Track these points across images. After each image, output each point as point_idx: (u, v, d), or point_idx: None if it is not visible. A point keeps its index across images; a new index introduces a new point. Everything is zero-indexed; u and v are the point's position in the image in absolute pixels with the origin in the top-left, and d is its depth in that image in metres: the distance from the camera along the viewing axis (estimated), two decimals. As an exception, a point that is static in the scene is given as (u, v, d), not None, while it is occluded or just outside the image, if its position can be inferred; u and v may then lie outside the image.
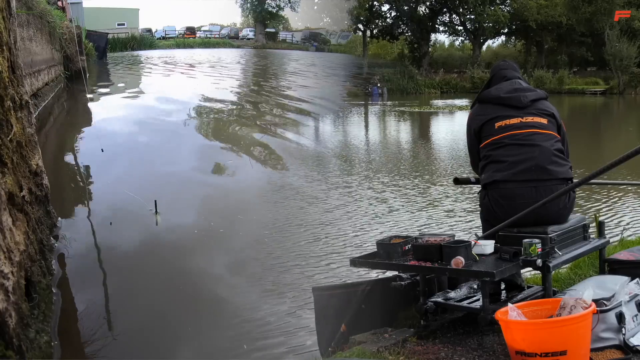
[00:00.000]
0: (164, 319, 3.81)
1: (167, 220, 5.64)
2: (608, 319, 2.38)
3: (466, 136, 3.16)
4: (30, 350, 2.52)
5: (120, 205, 5.92)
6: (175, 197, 6.40)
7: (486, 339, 2.72)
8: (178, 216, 5.84)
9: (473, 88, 33.18)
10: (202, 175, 7.88)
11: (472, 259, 2.69)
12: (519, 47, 42.33)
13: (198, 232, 5.49)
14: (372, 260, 3.00)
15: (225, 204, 6.73)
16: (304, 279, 4.66)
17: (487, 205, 2.96)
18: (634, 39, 32.05)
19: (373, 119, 21.95)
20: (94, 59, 22.21)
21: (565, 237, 2.88)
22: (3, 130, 2.95)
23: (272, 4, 48.70)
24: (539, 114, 2.96)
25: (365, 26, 39.94)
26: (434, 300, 2.93)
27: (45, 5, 13.32)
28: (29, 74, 8.59)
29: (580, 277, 3.45)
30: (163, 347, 3.50)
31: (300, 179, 8.64)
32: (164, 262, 4.72)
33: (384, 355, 2.54)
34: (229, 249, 5.21)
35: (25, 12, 9.59)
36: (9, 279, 2.37)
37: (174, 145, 9.62)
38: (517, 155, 2.87)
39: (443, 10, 39.44)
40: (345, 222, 6.43)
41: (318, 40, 48.09)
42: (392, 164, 10.82)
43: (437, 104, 27.62)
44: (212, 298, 4.15)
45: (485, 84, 3.20)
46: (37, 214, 3.81)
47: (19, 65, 4.20)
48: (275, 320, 3.91)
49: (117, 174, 7.25)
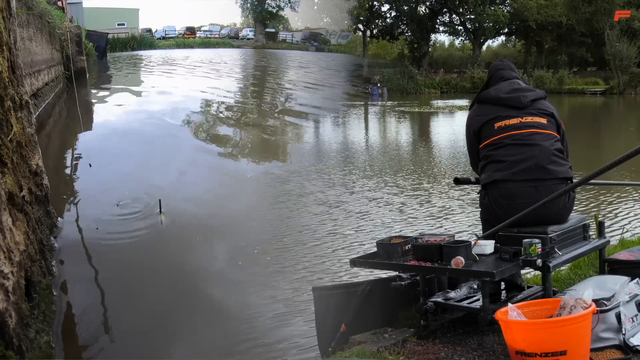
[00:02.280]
0: (164, 319, 3.81)
1: (169, 221, 5.64)
2: (608, 319, 2.38)
3: (465, 137, 3.16)
4: (30, 350, 2.52)
5: (120, 205, 5.92)
6: (175, 197, 6.40)
7: (486, 339, 2.72)
8: (179, 216, 5.84)
9: (473, 88, 33.16)
10: (201, 176, 7.88)
11: (472, 259, 2.69)
12: (518, 47, 42.31)
13: (199, 232, 5.48)
14: (372, 260, 2.99)
15: (225, 204, 6.73)
16: (304, 279, 4.67)
17: (487, 205, 2.96)
18: (634, 39, 32.04)
19: (373, 119, 21.94)
20: (94, 59, 22.19)
21: (565, 237, 2.88)
22: (3, 130, 2.95)
23: (272, 4, 48.68)
24: (538, 113, 2.97)
25: (365, 26, 39.93)
26: (434, 300, 2.93)
27: (45, 5, 13.31)
28: (29, 74, 8.59)
29: (580, 277, 3.45)
30: (163, 347, 3.50)
31: (301, 179, 8.64)
32: (165, 262, 4.72)
33: (384, 355, 2.54)
34: (229, 249, 5.21)
35: (25, 12, 9.59)
36: (9, 279, 2.37)
37: (174, 145, 9.62)
38: (517, 155, 2.87)
39: (443, 10, 39.42)
40: (345, 222, 6.43)
41: (318, 40, 48.06)
42: (392, 164, 10.82)
43: (437, 104, 27.61)
44: (212, 298, 4.15)
45: (484, 85, 3.20)
46: (37, 214, 3.81)
47: (19, 65, 4.20)
48: (275, 320, 3.91)
49: (117, 174, 7.25)
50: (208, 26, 52.27)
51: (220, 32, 50.19)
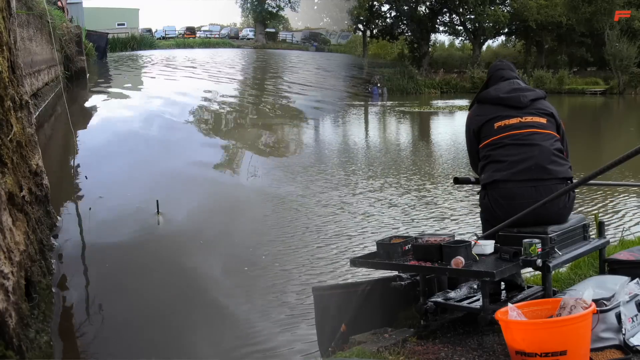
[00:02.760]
0: (164, 319, 3.80)
1: (168, 220, 5.64)
2: (608, 319, 2.38)
3: (465, 136, 3.16)
4: (30, 350, 2.52)
5: (120, 205, 5.92)
6: (175, 197, 6.40)
7: (486, 339, 2.72)
8: (179, 216, 5.84)
9: (473, 88, 33.16)
10: (202, 176, 7.87)
11: (472, 259, 2.69)
12: (518, 47, 42.31)
13: (198, 232, 5.48)
14: (372, 260, 2.99)
15: (226, 204, 6.73)
16: (304, 279, 4.66)
17: (487, 205, 2.96)
18: (634, 39, 32.06)
19: (373, 119, 21.94)
20: (94, 59, 22.19)
21: (565, 237, 2.88)
22: (3, 130, 2.95)
23: (272, 4, 48.68)
24: (538, 113, 2.97)
25: (365, 26, 39.94)
26: (434, 300, 2.93)
27: (45, 5, 13.30)
28: (29, 74, 8.59)
29: (580, 277, 3.45)
30: (163, 347, 3.50)
31: (301, 179, 8.64)
32: (165, 262, 4.72)
33: (384, 355, 2.54)
34: (230, 249, 5.21)
35: (25, 12, 9.59)
36: (9, 279, 2.37)
37: (174, 145, 9.62)
38: (517, 155, 2.87)
39: (443, 10, 39.42)
40: (345, 222, 6.43)
41: (318, 40, 48.05)
42: (393, 164, 10.82)
43: (437, 104, 27.61)
44: (212, 298, 4.15)
45: (484, 85, 3.20)
46: (37, 214, 3.81)
47: (19, 65, 4.20)
48: (275, 320, 3.91)
49: (117, 174, 7.25)
50: (208, 26, 52.29)
51: (220, 32, 50.18)
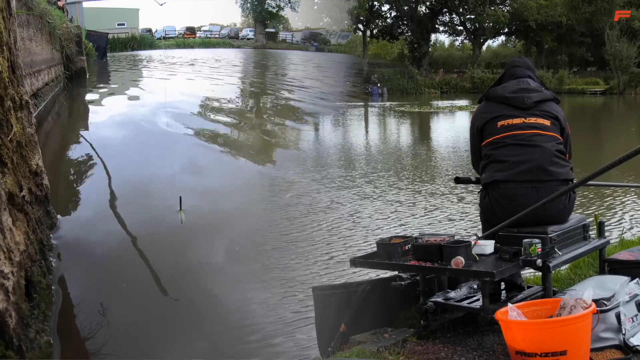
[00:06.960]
0: (164, 319, 3.81)
1: (169, 220, 5.64)
2: (608, 319, 2.38)
3: (469, 133, 3.16)
4: (30, 350, 2.52)
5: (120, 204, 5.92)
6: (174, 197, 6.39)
7: (486, 339, 2.72)
8: (179, 216, 5.84)
9: (473, 88, 33.17)
10: (202, 176, 7.87)
11: (472, 259, 2.69)
12: (519, 47, 42.27)
13: (199, 232, 5.48)
14: (372, 260, 2.99)
15: (226, 204, 6.72)
16: (304, 279, 4.66)
17: (488, 205, 2.96)
18: (634, 39, 32.04)
19: (373, 119, 21.94)
20: (94, 59, 22.18)
21: (565, 237, 2.88)
22: (3, 130, 2.95)
23: (272, 4, 48.65)
24: (542, 115, 2.96)
25: (365, 26, 39.88)
26: (434, 300, 2.93)
27: (45, 5, 13.31)
28: (29, 74, 8.58)
29: (580, 277, 3.45)
30: (163, 347, 3.50)
31: (301, 179, 8.64)
32: (165, 262, 4.72)
33: (384, 355, 2.54)
34: (229, 249, 5.21)
35: (25, 12, 9.59)
36: (9, 279, 2.37)
37: (173, 145, 9.61)
38: (518, 155, 2.87)
39: (443, 10, 39.37)
40: (345, 222, 6.43)
41: (318, 40, 48.02)
42: (393, 164, 10.82)
43: (437, 104, 27.60)
44: (212, 298, 4.14)
45: (497, 80, 3.20)
46: (37, 214, 3.81)
47: (19, 65, 4.20)
48: (275, 320, 3.91)
49: (117, 174, 7.24)
50: (208, 26, 52.19)
51: (220, 32, 50.12)
